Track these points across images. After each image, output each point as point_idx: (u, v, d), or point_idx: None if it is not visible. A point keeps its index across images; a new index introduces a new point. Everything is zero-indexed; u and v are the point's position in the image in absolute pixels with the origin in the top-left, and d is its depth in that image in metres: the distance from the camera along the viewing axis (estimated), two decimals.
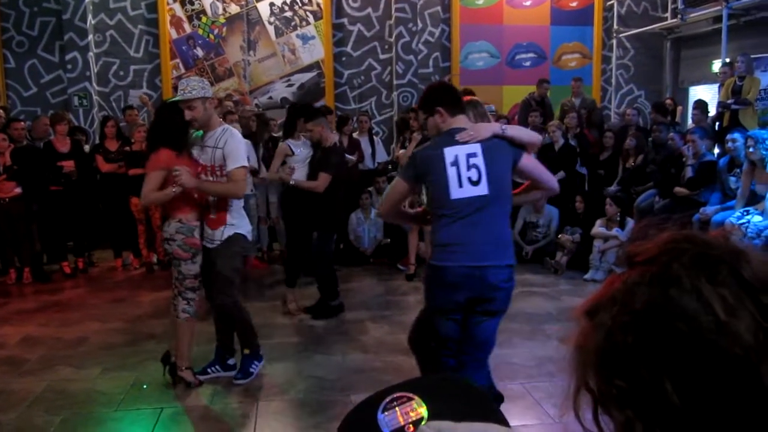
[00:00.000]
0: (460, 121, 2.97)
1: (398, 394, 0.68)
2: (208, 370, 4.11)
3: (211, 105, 3.79)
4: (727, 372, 0.58)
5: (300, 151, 5.56)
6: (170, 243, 3.82)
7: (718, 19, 8.44)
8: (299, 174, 5.45)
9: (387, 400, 0.68)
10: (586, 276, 6.54)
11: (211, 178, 3.80)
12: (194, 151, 3.85)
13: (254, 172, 7.17)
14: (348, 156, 6.80)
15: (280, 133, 7.88)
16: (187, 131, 3.81)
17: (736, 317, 0.58)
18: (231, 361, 4.17)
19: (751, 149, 5.76)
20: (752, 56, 7.64)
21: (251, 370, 4.09)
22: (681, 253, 0.63)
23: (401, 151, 6.70)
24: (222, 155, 3.74)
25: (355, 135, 7.86)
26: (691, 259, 0.62)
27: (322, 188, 5.16)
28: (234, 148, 3.75)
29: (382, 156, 8.15)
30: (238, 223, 3.89)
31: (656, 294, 0.62)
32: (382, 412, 0.67)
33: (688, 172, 6.53)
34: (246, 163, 3.83)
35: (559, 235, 7.09)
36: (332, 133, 5.63)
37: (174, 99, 4.01)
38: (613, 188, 7.34)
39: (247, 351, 4.10)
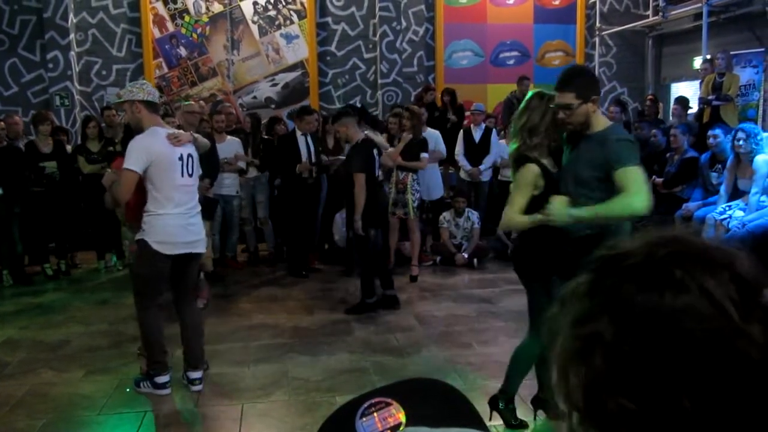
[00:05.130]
0: None
1: (376, 400, 0.68)
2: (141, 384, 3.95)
3: (137, 108, 3.68)
4: (743, 376, 0.55)
5: None
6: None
7: (698, 16, 8.52)
8: None
9: (365, 405, 0.67)
10: None
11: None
12: None
13: (241, 172, 7.13)
14: (332, 157, 6.81)
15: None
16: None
17: (749, 319, 0.56)
18: (161, 379, 3.86)
19: (741, 142, 5.77)
20: (733, 52, 7.72)
21: (141, 386, 3.92)
22: (680, 256, 0.59)
23: (390, 149, 6.70)
24: None
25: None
26: (693, 262, 0.59)
27: (361, 190, 5.25)
28: (127, 149, 3.69)
29: None
30: (148, 229, 3.70)
31: (661, 304, 0.57)
32: (360, 417, 0.66)
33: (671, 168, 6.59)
34: (131, 166, 3.57)
35: None
36: (358, 132, 5.62)
37: (111, 102, 4.17)
38: None
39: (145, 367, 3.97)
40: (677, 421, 0.56)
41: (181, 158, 3.76)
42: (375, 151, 5.55)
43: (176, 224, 3.73)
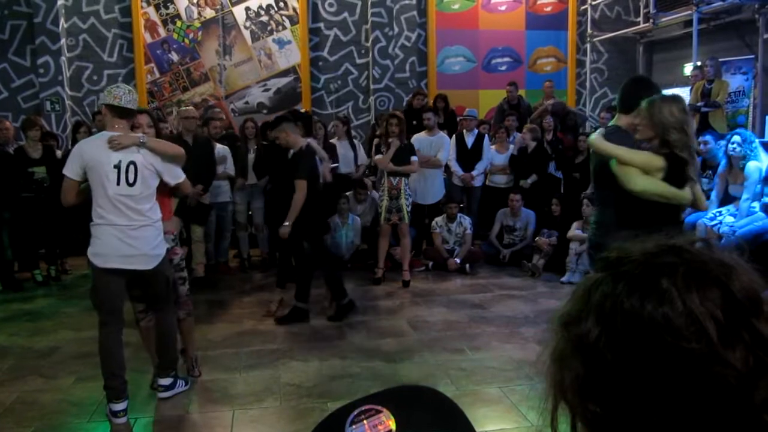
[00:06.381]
0: None
1: (367, 407, 0.67)
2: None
3: (104, 112, 3.62)
4: (717, 395, 0.54)
5: None
6: None
7: (688, 23, 8.58)
8: None
9: (355, 413, 0.67)
10: (563, 279, 6.58)
11: None
12: None
13: (232, 179, 7.11)
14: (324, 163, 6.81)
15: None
16: None
17: (729, 343, 0.54)
18: (114, 406, 3.50)
19: (735, 147, 5.78)
20: (722, 59, 7.77)
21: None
22: (671, 268, 0.58)
23: (377, 156, 6.73)
24: None
25: (332, 140, 7.83)
26: (683, 277, 0.58)
27: (303, 197, 5.17)
28: None
29: (362, 160, 8.11)
30: (91, 240, 3.56)
31: (645, 313, 0.57)
32: (350, 425, 0.66)
33: None
34: (65, 172, 3.51)
35: (536, 238, 7.13)
36: (300, 137, 5.57)
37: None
38: (589, 191, 7.40)
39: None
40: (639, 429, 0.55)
41: (117, 166, 3.47)
42: (317, 159, 5.56)
43: (111, 234, 3.49)
